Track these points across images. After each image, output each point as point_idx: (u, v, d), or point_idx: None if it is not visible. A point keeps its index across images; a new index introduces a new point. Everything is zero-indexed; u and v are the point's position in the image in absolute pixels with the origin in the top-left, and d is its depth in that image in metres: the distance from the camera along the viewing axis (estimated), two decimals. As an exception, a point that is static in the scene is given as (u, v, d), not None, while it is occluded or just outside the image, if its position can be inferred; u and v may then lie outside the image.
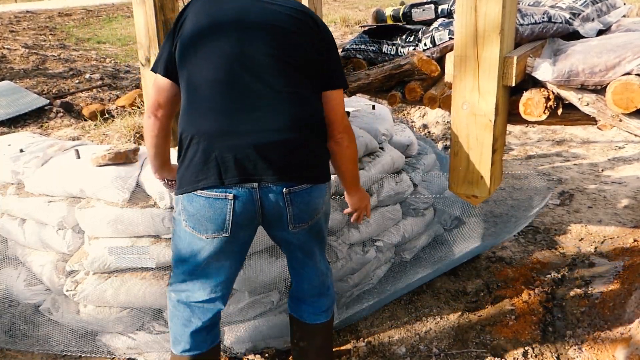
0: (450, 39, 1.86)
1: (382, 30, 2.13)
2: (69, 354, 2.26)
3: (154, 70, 1.67)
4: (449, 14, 2.08)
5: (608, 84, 1.52)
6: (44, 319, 2.32)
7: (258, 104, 1.52)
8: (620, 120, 1.53)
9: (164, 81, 1.64)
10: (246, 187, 1.53)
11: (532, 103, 1.66)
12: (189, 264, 1.69)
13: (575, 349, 2.21)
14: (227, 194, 1.52)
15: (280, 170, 1.53)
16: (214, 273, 1.71)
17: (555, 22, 1.81)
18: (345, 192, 1.92)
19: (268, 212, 1.59)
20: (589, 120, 1.70)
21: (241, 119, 1.51)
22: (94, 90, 4.16)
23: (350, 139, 1.72)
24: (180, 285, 1.74)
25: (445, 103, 1.87)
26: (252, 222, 1.62)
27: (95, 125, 3.22)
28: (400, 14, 2.26)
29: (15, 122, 3.37)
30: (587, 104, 1.58)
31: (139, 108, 3.66)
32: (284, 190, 1.55)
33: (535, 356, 2.21)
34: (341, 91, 1.69)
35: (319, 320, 1.91)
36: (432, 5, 2.14)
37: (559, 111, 1.68)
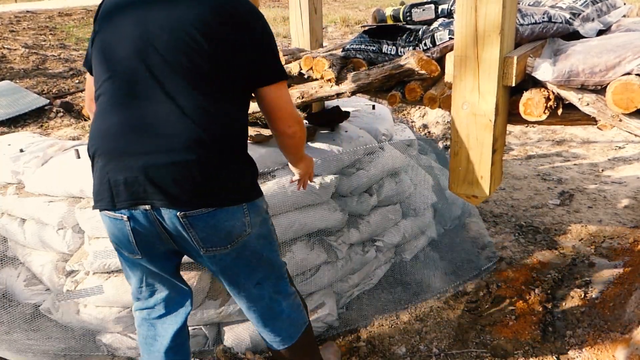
0: (451, 39, 1.86)
1: (382, 30, 2.13)
2: (69, 354, 2.26)
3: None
4: (449, 14, 2.08)
5: (608, 84, 1.52)
6: (43, 319, 2.32)
7: (156, 122, 1.38)
8: (621, 120, 1.53)
9: (90, 79, 1.61)
10: (139, 209, 1.42)
11: (532, 103, 1.66)
12: (133, 281, 1.66)
13: (575, 349, 2.21)
14: (122, 214, 1.44)
15: (171, 195, 1.38)
16: (159, 288, 1.66)
17: (555, 22, 1.80)
18: (291, 165, 1.90)
19: (171, 234, 1.47)
20: (589, 120, 1.69)
21: (136, 138, 1.39)
22: (94, 90, 4.16)
23: (302, 130, 1.64)
24: (138, 303, 1.71)
25: (445, 103, 1.86)
26: (160, 241, 1.50)
27: (95, 125, 3.22)
28: (401, 14, 2.26)
29: (15, 122, 3.37)
30: (587, 104, 1.57)
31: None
32: (179, 214, 1.41)
33: (535, 356, 2.21)
34: (280, 85, 1.53)
35: (283, 346, 1.78)
36: (432, 5, 2.14)
37: (559, 111, 1.68)
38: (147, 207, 1.41)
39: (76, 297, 2.16)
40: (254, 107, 2.10)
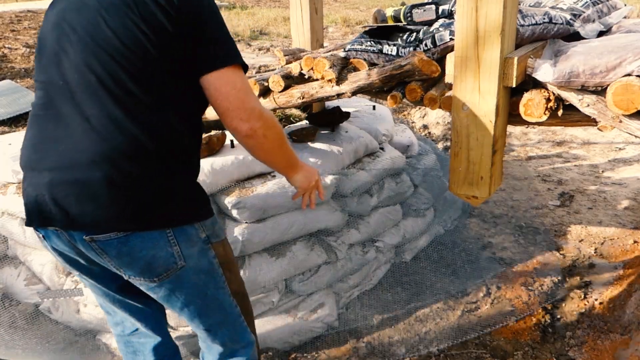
0: (451, 39, 1.86)
1: (383, 31, 2.13)
2: (69, 354, 2.26)
3: None
4: (450, 15, 2.08)
5: (608, 85, 1.52)
6: (43, 319, 2.32)
7: (64, 135, 1.23)
8: (621, 122, 1.53)
9: None
10: (50, 230, 1.28)
11: (532, 104, 1.66)
12: (96, 298, 1.54)
13: (575, 350, 2.21)
14: (39, 233, 1.32)
15: (72, 217, 1.21)
16: (117, 310, 1.51)
17: (556, 23, 1.81)
18: (286, 178, 1.55)
19: (90, 257, 1.30)
20: (590, 121, 1.70)
21: (45, 153, 1.25)
22: (95, 89, 4.16)
23: (266, 126, 1.29)
24: (109, 317, 1.59)
25: (445, 103, 1.86)
26: (87, 262, 1.34)
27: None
28: (401, 15, 2.26)
29: (16, 122, 3.37)
30: (588, 105, 1.57)
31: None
32: (86, 238, 1.23)
33: (535, 357, 2.21)
34: (229, 70, 1.24)
35: None
36: (433, 6, 2.14)
37: (560, 112, 1.68)
38: (57, 228, 1.26)
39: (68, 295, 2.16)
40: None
